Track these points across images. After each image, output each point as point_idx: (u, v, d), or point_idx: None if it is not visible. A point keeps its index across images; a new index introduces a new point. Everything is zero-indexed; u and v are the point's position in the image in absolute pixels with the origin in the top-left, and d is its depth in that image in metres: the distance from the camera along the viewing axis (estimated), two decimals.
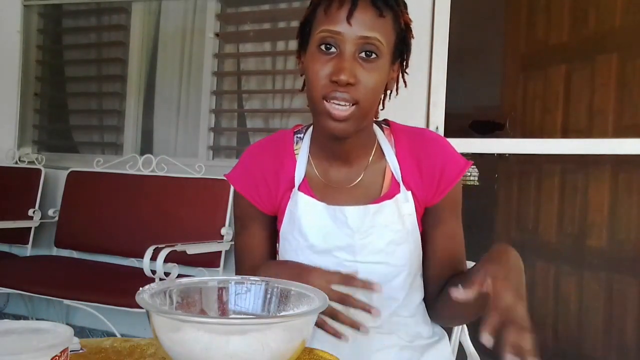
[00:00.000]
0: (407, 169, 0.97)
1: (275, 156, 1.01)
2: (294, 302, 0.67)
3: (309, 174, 0.99)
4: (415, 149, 0.98)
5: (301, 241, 0.96)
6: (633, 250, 2.36)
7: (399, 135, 1.00)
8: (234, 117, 3.04)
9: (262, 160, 1.01)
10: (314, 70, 0.86)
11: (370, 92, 0.86)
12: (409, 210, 0.96)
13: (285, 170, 0.99)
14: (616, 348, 2.39)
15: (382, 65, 0.87)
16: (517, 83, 2.79)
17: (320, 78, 0.85)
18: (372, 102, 0.88)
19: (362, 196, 0.96)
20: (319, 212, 0.95)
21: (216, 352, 0.54)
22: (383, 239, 0.94)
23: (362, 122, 0.89)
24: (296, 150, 1.01)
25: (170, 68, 3.11)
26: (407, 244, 0.96)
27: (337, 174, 0.98)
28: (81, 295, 2.17)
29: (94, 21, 3.32)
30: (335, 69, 0.84)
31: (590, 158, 2.33)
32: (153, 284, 0.64)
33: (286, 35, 2.86)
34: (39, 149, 3.33)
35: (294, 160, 0.99)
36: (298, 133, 1.04)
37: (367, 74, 0.85)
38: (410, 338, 0.99)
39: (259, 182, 1.00)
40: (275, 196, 1.00)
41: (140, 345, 0.74)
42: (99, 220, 2.73)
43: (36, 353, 0.50)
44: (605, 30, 2.40)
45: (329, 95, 0.85)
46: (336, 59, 0.85)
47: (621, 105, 2.35)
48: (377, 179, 0.97)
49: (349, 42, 0.84)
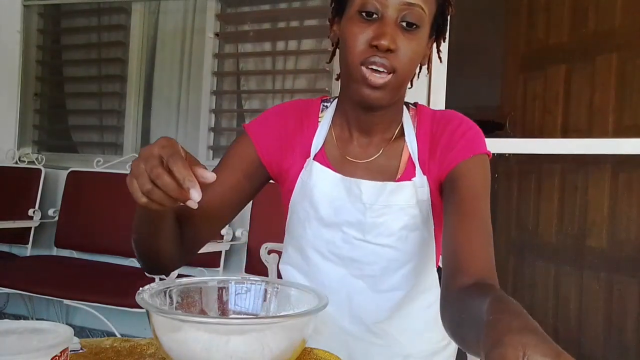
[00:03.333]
0: (425, 152, 0.93)
1: (298, 119, 0.97)
2: (294, 302, 0.67)
3: (328, 143, 0.95)
4: (433, 130, 0.94)
5: (311, 212, 0.93)
6: (633, 250, 2.36)
7: (423, 117, 0.96)
8: (233, 117, 3.04)
9: (285, 120, 0.97)
10: (353, 33, 0.83)
11: (409, 61, 0.83)
12: (425, 196, 0.91)
13: (305, 136, 0.96)
14: (616, 348, 2.39)
15: (422, 35, 0.85)
16: (517, 83, 2.79)
17: (359, 43, 0.82)
18: (409, 73, 0.86)
19: (378, 174, 0.92)
20: (334, 182, 0.92)
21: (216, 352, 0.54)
22: (397, 222, 0.90)
23: (396, 92, 0.87)
24: (320, 118, 0.97)
25: (170, 68, 3.11)
26: (420, 232, 0.92)
27: (356, 147, 0.94)
28: (81, 295, 2.18)
29: (93, 21, 3.31)
30: (375, 34, 0.81)
31: (590, 158, 2.33)
32: (153, 284, 0.64)
33: (286, 35, 2.86)
34: (39, 149, 3.33)
35: (315, 127, 0.96)
36: (325, 102, 1.00)
37: (408, 42, 0.82)
38: (417, 344, 0.96)
39: (273, 140, 0.95)
40: (285, 160, 0.96)
41: (140, 345, 0.74)
42: (99, 220, 2.73)
43: (36, 353, 0.50)
44: (605, 30, 2.40)
45: (368, 61, 0.82)
46: (377, 24, 0.82)
47: (621, 105, 2.35)
48: (395, 157, 0.93)
49: (391, 8, 0.81)
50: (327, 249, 0.93)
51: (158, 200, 0.62)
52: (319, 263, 0.94)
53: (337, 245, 0.93)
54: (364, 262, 0.92)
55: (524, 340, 0.43)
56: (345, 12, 0.87)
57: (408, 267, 0.92)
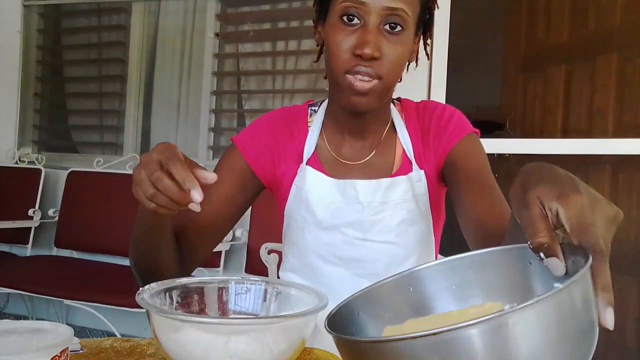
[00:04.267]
0: (418, 144, 0.93)
1: (287, 127, 0.96)
2: (294, 302, 0.67)
3: (320, 148, 0.95)
4: (420, 120, 0.95)
5: (308, 217, 0.92)
6: (633, 250, 2.36)
7: (409, 111, 0.97)
8: (233, 117, 3.04)
9: (273, 129, 0.96)
10: (335, 42, 0.81)
11: (395, 66, 0.82)
12: (422, 190, 0.92)
13: (296, 142, 0.95)
14: (616, 348, 2.39)
15: (407, 37, 0.83)
16: (517, 83, 2.79)
17: (342, 51, 0.81)
18: (396, 77, 0.85)
19: (373, 172, 0.92)
20: (328, 186, 0.91)
21: (216, 352, 0.54)
22: (394, 218, 0.90)
23: (384, 97, 0.86)
24: (309, 123, 0.97)
25: (170, 68, 3.11)
26: (419, 226, 0.92)
27: (350, 150, 0.94)
28: (81, 295, 2.18)
29: (94, 21, 3.31)
30: (358, 42, 0.79)
31: (590, 158, 2.33)
32: (153, 284, 0.64)
33: (286, 35, 2.86)
34: (39, 149, 3.33)
35: (306, 133, 0.95)
36: (312, 106, 0.99)
37: (392, 47, 0.81)
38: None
39: (263, 149, 0.95)
40: (277, 167, 0.95)
41: (140, 345, 0.74)
42: (99, 220, 2.73)
43: (36, 353, 0.50)
44: (605, 30, 2.40)
45: (352, 70, 0.80)
46: (359, 31, 0.80)
47: (621, 105, 2.35)
48: (389, 155, 0.94)
49: (373, 13, 0.79)
50: (328, 251, 0.93)
51: (164, 204, 0.62)
52: (320, 267, 0.94)
53: (337, 247, 0.92)
54: (366, 261, 0.92)
55: (538, 192, 0.47)
56: (327, 17, 0.85)
57: (409, 263, 0.92)
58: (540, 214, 0.46)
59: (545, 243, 0.45)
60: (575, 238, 0.43)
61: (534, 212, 0.46)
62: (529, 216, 0.47)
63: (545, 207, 0.46)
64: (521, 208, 0.48)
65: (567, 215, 0.44)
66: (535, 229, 0.46)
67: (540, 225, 0.46)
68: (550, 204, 0.46)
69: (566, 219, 0.44)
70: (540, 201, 0.47)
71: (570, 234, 0.44)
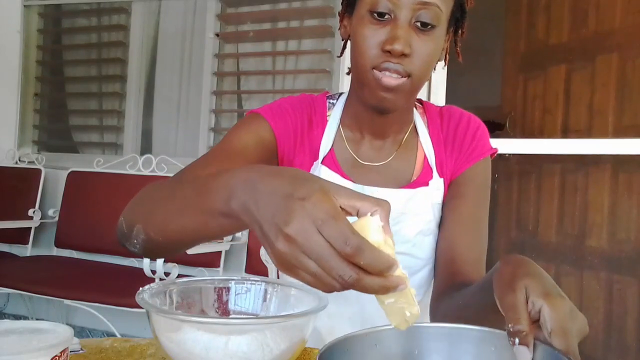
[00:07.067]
0: (440, 151, 0.90)
1: (307, 115, 0.90)
2: (294, 302, 0.67)
3: (337, 146, 0.90)
4: (444, 126, 0.91)
5: None
6: (633, 250, 2.35)
7: (432, 114, 0.93)
8: (234, 117, 3.04)
9: (300, 113, 0.89)
10: (364, 36, 0.77)
11: (425, 64, 0.78)
12: (439, 199, 0.88)
13: (314, 134, 0.89)
14: (616, 348, 2.39)
15: (439, 34, 0.79)
16: (517, 83, 2.79)
17: (370, 46, 0.76)
18: (426, 76, 0.80)
19: (392, 178, 0.88)
20: None
21: (216, 352, 0.54)
22: (412, 229, 0.86)
23: (411, 96, 0.82)
24: (327, 116, 0.91)
25: (170, 68, 3.11)
26: (433, 236, 0.89)
27: (369, 150, 0.89)
28: (81, 295, 2.18)
29: (94, 21, 3.32)
30: (388, 37, 0.75)
31: (590, 158, 2.33)
32: (153, 284, 0.64)
33: (286, 35, 2.86)
34: (39, 149, 3.33)
35: (324, 126, 0.90)
36: (330, 99, 0.93)
37: (423, 45, 0.76)
38: None
39: (288, 128, 0.88)
40: (295, 157, 0.89)
41: (140, 345, 0.74)
42: (99, 220, 2.73)
43: (36, 353, 0.50)
44: (605, 30, 2.39)
45: (380, 66, 0.76)
46: (390, 26, 0.76)
47: (621, 105, 2.35)
48: (410, 159, 0.90)
49: (405, 8, 0.75)
50: None
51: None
52: None
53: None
54: None
55: (526, 283, 0.51)
56: (355, 10, 0.81)
57: (422, 274, 0.90)
58: (524, 302, 0.50)
59: (524, 331, 0.48)
60: (556, 340, 0.47)
61: (519, 299, 0.50)
62: (513, 301, 0.50)
63: (529, 299, 0.50)
64: (507, 291, 0.51)
65: (551, 315, 0.48)
66: (517, 315, 0.49)
67: (523, 314, 0.49)
68: (537, 299, 0.50)
69: (549, 319, 0.48)
70: (527, 292, 0.51)
71: (550, 334, 0.48)
